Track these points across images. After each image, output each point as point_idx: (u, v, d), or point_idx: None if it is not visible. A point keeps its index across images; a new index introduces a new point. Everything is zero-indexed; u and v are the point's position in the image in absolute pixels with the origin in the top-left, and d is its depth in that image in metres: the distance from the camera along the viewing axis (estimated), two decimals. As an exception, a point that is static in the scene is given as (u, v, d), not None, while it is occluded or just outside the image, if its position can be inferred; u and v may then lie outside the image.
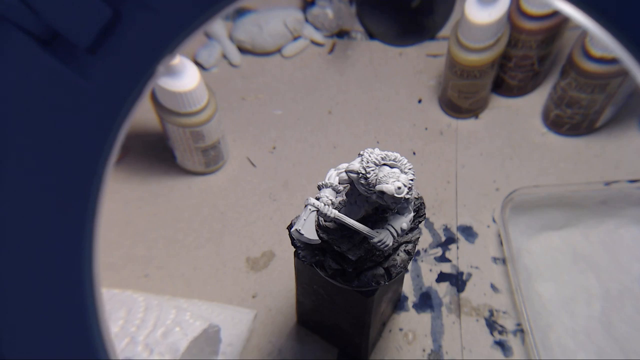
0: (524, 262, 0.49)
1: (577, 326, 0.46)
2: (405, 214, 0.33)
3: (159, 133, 0.56)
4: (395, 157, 0.31)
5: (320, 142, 0.57)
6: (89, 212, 0.23)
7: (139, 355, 0.40)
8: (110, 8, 0.21)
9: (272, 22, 0.60)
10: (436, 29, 0.62)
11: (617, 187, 0.49)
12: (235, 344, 0.46)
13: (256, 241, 0.52)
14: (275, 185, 0.55)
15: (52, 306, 0.23)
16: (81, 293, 0.23)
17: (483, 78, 0.54)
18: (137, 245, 0.51)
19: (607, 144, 0.56)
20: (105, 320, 0.24)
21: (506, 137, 0.57)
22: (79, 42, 0.21)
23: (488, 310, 0.48)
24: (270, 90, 0.60)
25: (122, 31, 0.21)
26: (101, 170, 0.22)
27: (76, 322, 0.23)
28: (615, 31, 0.21)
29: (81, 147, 0.22)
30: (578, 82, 0.51)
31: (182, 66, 0.47)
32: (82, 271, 0.23)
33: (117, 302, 0.43)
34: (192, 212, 0.53)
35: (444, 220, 0.53)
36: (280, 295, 0.49)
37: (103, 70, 0.22)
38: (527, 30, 0.52)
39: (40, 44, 0.21)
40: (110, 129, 0.22)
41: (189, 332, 0.41)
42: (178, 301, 0.47)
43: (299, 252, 0.36)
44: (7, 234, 0.22)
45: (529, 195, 0.49)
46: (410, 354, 0.47)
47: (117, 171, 0.55)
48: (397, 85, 0.60)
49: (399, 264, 0.36)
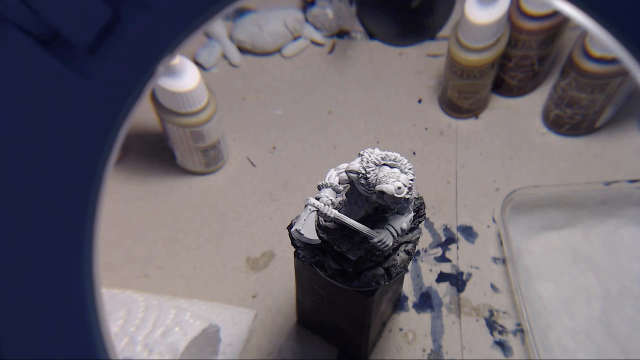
0: (524, 262, 0.49)
1: (577, 326, 0.46)
2: (405, 214, 0.33)
3: (159, 133, 0.56)
4: (395, 157, 0.31)
5: (320, 142, 0.57)
6: (89, 212, 0.23)
7: (139, 355, 0.40)
8: (110, 8, 0.21)
9: (272, 22, 0.60)
10: (436, 29, 0.62)
11: (617, 187, 0.49)
12: (235, 344, 0.46)
13: (256, 241, 0.52)
14: (275, 185, 0.55)
15: (52, 306, 0.23)
16: (81, 293, 0.23)
17: (483, 78, 0.54)
18: (137, 245, 0.51)
19: (607, 144, 0.56)
20: (105, 320, 0.24)
21: (506, 137, 0.57)
22: (79, 42, 0.21)
23: (488, 310, 0.48)
24: (270, 90, 0.60)
25: (122, 31, 0.21)
26: (101, 170, 0.22)
27: (76, 322, 0.23)
28: (615, 31, 0.21)
29: (81, 147, 0.22)
30: (578, 82, 0.51)
31: (182, 66, 0.47)
32: (82, 271, 0.23)
33: (117, 302, 0.43)
34: (192, 212, 0.53)
35: (444, 220, 0.53)
36: (280, 295, 0.49)
37: (103, 70, 0.22)
38: (527, 30, 0.52)
39: (40, 44, 0.21)
40: (110, 129, 0.22)
41: (189, 332, 0.41)
42: (178, 301, 0.47)
43: (299, 252, 0.36)
44: (7, 234, 0.22)
45: (529, 195, 0.49)
46: (410, 354, 0.47)
47: (117, 171, 0.55)
48: (397, 85, 0.60)
49: (399, 264, 0.36)
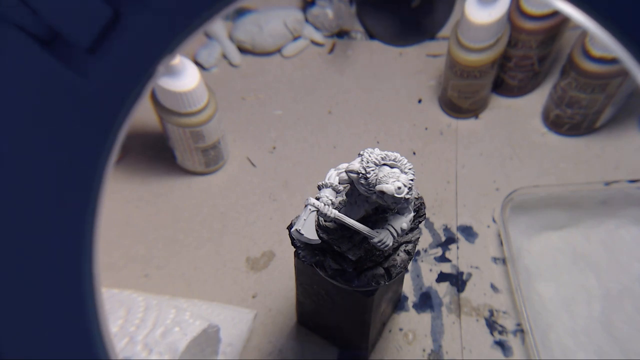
0: (524, 262, 0.49)
1: (577, 326, 0.46)
2: (405, 214, 0.33)
3: (159, 133, 0.56)
4: (395, 157, 0.31)
5: (320, 142, 0.57)
6: (89, 212, 0.23)
7: (138, 355, 0.40)
8: (110, 8, 0.21)
9: (272, 22, 0.60)
10: (436, 29, 0.62)
11: (617, 187, 0.49)
12: (235, 344, 0.46)
13: (256, 241, 0.52)
14: (275, 185, 0.55)
15: (52, 306, 0.23)
16: (81, 293, 0.23)
17: (483, 78, 0.54)
18: (137, 245, 0.51)
19: (607, 144, 0.56)
20: (105, 320, 0.24)
21: (506, 137, 0.57)
22: (79, 42, 0.21)
23: (488, 310, 0.48)
24: (270, 90, 0.60)
25: (122, 31, 0.21)
26: (101, 170, 0.22)
27: (76, 322, 0.23)
28: (615, 31, 0.21)
29: (81, 147, 0.22)
30: (578, 82, 0.51)
31: (182, 66, 0.47)
32: (82, 271, 0.23)
33: (117, 301, 0.43)
34: (192, 212, 0.53)
35: (444, 220, 0.53)
36: (280, 295, 0.49)
37: (103, 70, 0.22)
38: (527, 30, 0.52)
39: (40, 44, 0.21)
40: (110, 129, 0.22)
41: (189, 332, 0.41)
42: (178, 301, 0.47)
43: (299, 252, 0.36)
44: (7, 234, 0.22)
45: (529, 195, 0.49)
46: (410, 354, 0.47)
47: (117, 171, 0.55)
48: (397, 85, 0.60)
49: (399, 264, 0.36)
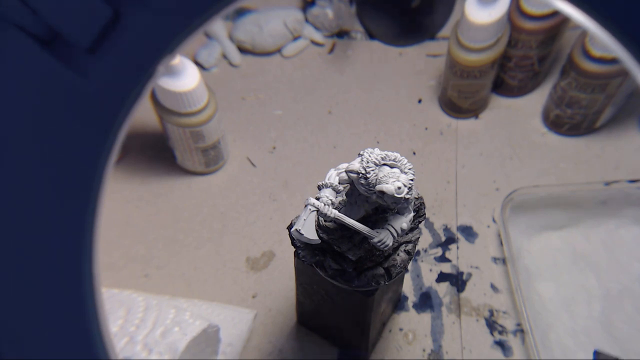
0: (524, 262, 0.49)
1: (577, 326, 0.46)
2: (405, 214, 0.33)
3: (159, 133, 0.56)
4: (395, 157, 0.31)
5: (320, 142, 0.57)
6: (89, 212, 0.23)
7: (138, 355, 0.40)
8: (110, 8, 0.21)
9: (272, 22, 0.60)
10: (436, 29, 0.62)
11: (617, 187, 0.49)
12: (235, 344, 0.46)
13: (256, 241, 0.52)
14: (275, 185, 0.55)
15: (52, 306, 0.23)
16: (81, 293, 0.23)
17: (483, 78, 0.54)
18: (137, 245, 0.51)
19: (607, 144, 0.56)
20: (105, 320, 0.24)
21: (506, 137, 0.57)
22: (79, 42, 0.21)
23: (488, 310, 0.48)
24: (270, 90, 0.60)
25: (122, 31, 0.21)
26: (101, 170, 0.22)
27: (76, 322, 0.23)
28: (615, 31, 0.21)
29: (81, 147, 0.22)
30: (578, 82, 0.51)
31: (182, 66, 0.47)
32: (82, 271, 0.23)
33: (117, 301, 0.43)
34: (192, 212, 0.53)
35: (444, 220, 0.52)
36: (280, 295, 0.49)
37: (103, 70, 0.22)
38: (527, 30, 0.52)
39: (40, 44, 0.21)
40: (110, 129, 0.22)
41: (188, 332, 0.41)
42: (178, 301, 0.47)
43: (299, 252, 0.36)
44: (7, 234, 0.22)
45: (529, 195, 0.49)
46: (410, 354, 0.47)
47: (117, 171, 0.55)
48: (397, 85, 0.60)
49: (399, 264, 0.36)
